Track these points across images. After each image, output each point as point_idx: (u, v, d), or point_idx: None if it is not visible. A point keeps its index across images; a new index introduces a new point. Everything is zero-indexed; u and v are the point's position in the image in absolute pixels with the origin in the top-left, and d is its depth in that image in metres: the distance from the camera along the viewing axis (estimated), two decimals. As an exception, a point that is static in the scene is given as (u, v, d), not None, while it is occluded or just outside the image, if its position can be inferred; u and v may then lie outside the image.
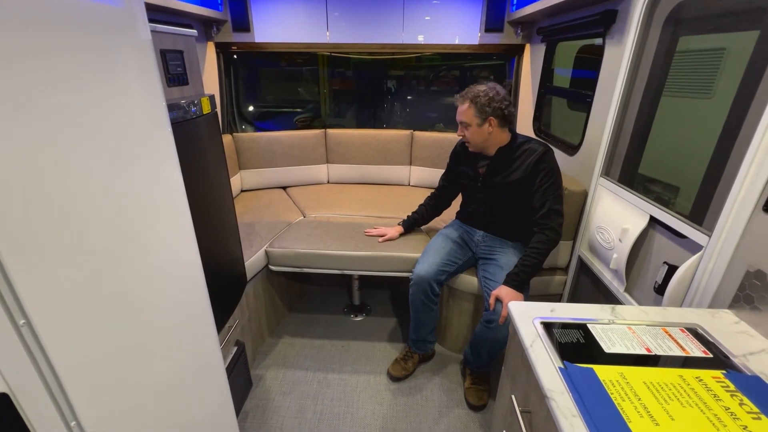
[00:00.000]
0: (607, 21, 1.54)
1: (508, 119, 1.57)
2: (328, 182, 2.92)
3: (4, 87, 0.48)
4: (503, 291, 1.50)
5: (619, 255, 1.35)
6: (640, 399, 0.70)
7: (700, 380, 0.74)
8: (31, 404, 0.51)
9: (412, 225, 2.02)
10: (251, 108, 3.17)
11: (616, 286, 1.41)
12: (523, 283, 1.52)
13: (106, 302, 0.66)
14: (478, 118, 1.54)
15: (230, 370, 1.49)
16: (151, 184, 0.80)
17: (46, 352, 0.53)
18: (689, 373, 0.76)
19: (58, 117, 0.56)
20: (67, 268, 0.58)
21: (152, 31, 0.85)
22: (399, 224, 2.03)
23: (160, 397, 0.85)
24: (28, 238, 0.51)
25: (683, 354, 0.82)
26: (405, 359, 1.91)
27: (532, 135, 2.43)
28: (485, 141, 1.60)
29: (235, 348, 1.61)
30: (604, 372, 0.76)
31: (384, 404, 1.75)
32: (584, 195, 1.67)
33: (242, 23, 2.53)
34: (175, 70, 1.19)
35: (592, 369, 0.77)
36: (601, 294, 1.56)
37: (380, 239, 1.96)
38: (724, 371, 0.77)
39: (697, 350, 0.83)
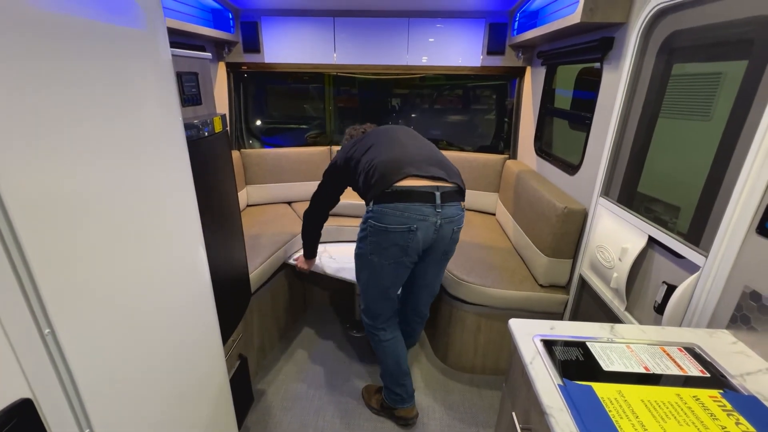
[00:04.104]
0: (605, 47, 1.60)
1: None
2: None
3: (36, 106, 0.52)
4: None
5: (619, 274, 1.37)
6: (637, 417, 0.71)
7: (698, 399, 0.75)
8: (52, 410, 0.53)
9: None
10: (258, 123, 3.26)
11: (617, 305, 1.42)
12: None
13: (122, 315, 0.69)
14: None
15: (232, 385, 1.49)
16: (167, 199, 0.84)
17: (66, 360, 0.56)
18: (687, 392, 0.77)
19: (83, 135, 0.60)
20: (88, 281, 0.61)
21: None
22: None
23: (167, 409, 0.87)
24: (55, 251, 0.55)
25: (681, 373, 0.83)
26: None
27: (532, 154, 2.48)
28: None
29: (238, 362, 1.62)
30: (602, 390, 0.78)
31: (386, 422, 1.74)
32: (584, 214, 1.70)
33: (253, 45, 2.63)
34: (189, 91, 1.25)
35: (591, 387, 0.78)
36: (603, 313, 1.57)
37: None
38: (721, 391, 0.78)
39: (694, 370, 0.84)
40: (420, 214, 1.36)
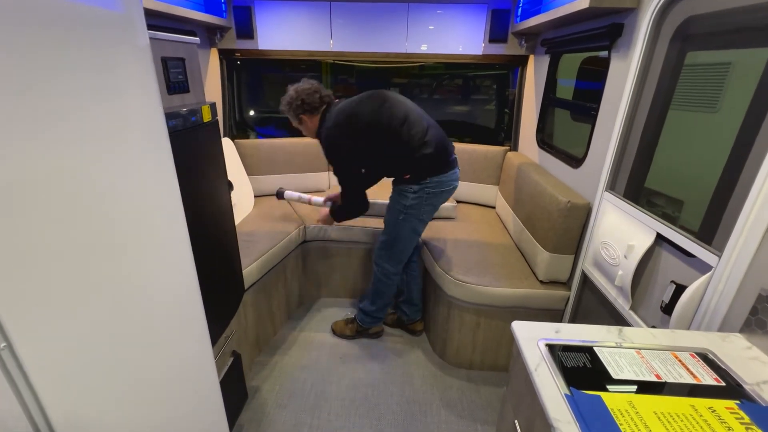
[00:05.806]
0: (613, 34, 1.53)
1: (313, 106, 1.77)
2: (330, 189, 2.91)
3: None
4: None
5: (625, 272, 1.33)
6: (650, 431, 0.67)
7: (713, 411, 0.71)
8: (11, 434, 0.48)
9: None
10: (252, 112, 3.17)
11: (621, 303, 1.38)
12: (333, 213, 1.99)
13: (95, 321, 0.64)
14: (295, 119, 1.85)
15: (225, 382, 1.45)
16: (145, 193, 0.78)
17: (28, 377, 0.50)
18: (701, 403, 0.73)
19: (51, 123, 0.54)
20: (52, 286, 0.55)
21: (154, 38, 0.83)
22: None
23: (150, 412, 0.82)
24: (11, 253, 0.49)
25: (694, 382, 0.79)
26: None
27: (534, 146, 2.41)
28: (311, 132, 1.87)
29: (231, 359, 1.58)
30: (612, 400, 0.73)
31: (382, 419, 1.71)
32: (588, 209, 1.64)
33: (246, 30, 2.53)
34: (176, 77, 1.18)
35: (600, 397, 0.74)
36: (606, 311, 1.53)
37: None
38: (737, 401, 0.73)
39: (708, 378, 0.80)
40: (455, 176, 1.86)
